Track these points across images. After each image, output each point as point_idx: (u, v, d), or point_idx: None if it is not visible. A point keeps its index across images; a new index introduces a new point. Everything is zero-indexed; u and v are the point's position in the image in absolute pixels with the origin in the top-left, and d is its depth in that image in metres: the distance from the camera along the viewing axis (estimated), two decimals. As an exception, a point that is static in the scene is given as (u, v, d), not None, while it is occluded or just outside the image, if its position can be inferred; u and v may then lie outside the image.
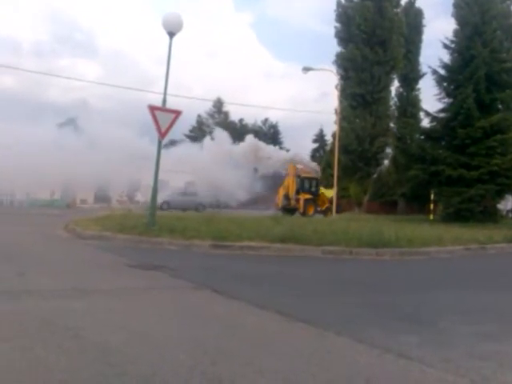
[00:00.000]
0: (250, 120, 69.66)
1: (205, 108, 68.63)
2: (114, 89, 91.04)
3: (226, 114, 68.42)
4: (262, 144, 44.71)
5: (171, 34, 11.96)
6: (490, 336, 3.98)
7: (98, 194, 39.57)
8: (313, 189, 31.58)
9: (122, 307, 4.54)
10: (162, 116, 11.44)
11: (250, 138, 45.50)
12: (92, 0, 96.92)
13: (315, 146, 64.19)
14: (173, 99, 18.41)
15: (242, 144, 42.89)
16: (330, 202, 29.30)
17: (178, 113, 11.75)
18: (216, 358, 3.12)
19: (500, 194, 22.42)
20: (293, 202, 30.64)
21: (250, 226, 11.46)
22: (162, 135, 11.56)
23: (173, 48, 12.00)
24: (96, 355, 3.08)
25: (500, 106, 23.26)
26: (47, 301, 4.58)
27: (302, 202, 30.28)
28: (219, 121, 67.45)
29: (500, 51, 22.92)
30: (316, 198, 31.41)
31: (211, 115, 68.92)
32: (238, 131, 56.51)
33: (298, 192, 30.76)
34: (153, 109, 11.45)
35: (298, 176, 31.28)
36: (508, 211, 29.96)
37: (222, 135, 43.74)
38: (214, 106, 67.78)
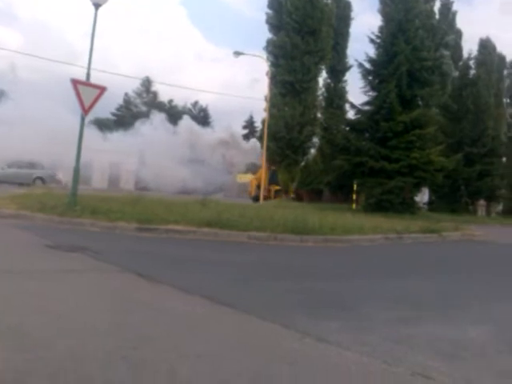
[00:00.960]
0: (179, 102, 68.58)
1: (132, 87, 66.70)
2: (39, 61, 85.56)
3: (155, 94, 66.79)
4: (196, 127, 44.19)
5: (97, 5, 11.61)
6: (405, 321, 4.18)
7: None
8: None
9: (40, 290, 4.33)
10: (86, 91, 10.99)
11: (186, 119, 44.68)
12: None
13: (245, 132, 64.44)
14: (99, 75, 17.82)
15: (178, 128, 42.15)
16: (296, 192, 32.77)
17: (102, 89, 11.30)
18: (138, 343, 3.04)
19: (417, 187, 23.55)
20: (265, 192, 33.36)
21: (177, 210, 11.31)
22: (86, 111, 11.11)
23: (100, 22, 11.63)
24: (7, 338, 2.93)
25: (420, 103, 24.33)
26: (-44, 282, 4.30)
27: (272, 193, 33.93)
28: (147, 100, 65.82)
29: (421, 49, 23.84)
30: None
31: (139, 94, 67.00)
32: (167, 112, 55.31)
33: (269, 183, 33.63)
34: (76, 82, 10.96)
35: (269, 168, 33.64)
36: (424, 203, 31.52)
37: (159, 118, 42.84)
38: (143, 85, 65.90)
